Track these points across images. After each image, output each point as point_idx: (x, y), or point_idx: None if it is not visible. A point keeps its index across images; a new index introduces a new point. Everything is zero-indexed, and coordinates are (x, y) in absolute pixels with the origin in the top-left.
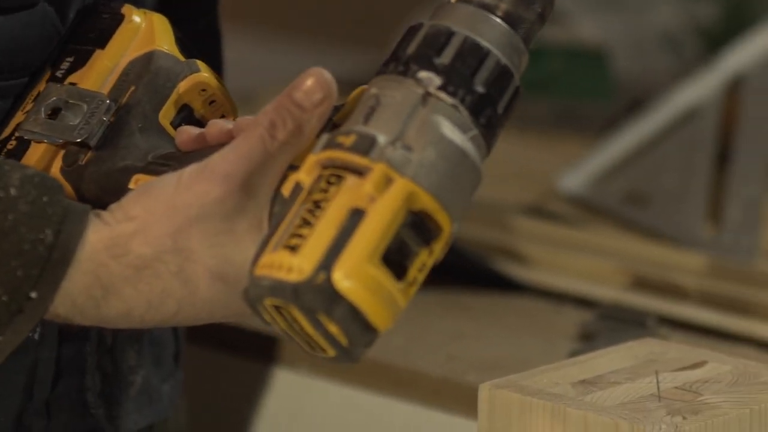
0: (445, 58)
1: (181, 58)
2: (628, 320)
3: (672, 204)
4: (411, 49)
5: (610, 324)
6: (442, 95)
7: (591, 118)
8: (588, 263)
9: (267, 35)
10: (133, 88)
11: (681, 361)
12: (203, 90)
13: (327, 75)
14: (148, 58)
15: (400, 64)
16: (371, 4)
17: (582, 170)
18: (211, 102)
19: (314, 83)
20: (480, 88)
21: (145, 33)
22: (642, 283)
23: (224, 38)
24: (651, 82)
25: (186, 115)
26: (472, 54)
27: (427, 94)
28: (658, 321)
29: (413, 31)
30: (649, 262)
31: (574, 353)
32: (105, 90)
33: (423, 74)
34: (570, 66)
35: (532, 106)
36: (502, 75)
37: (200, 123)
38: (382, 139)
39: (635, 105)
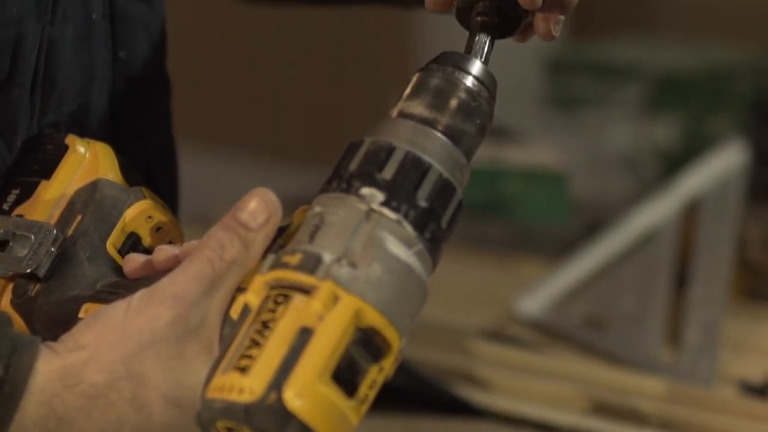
0: (387, 173)
1: (127, 186)
2: None
3: (631, 327)
4: (353, 166)
5: None
6: (386, 211)
7: (549, 240)
8: (547, 388)
9: (222, 154)
10: (79, 217)
11: None
12: (149, 217)
13: (271, 195)
14: (94, 187)
15: (343, 182)
16: (325, 123)
17: (540, 293)
18: (158, 229)
19: (258, 203)
20: (423, 203)
21: (90, 162)
22: (602, 408)
23: (179, 156)
24: (609, 203)
25: (133, 243)
26: (414, 169)
27: (371, 210)
28: None
29: (354, 148)
30: (608, 386)
31: None
32: (52, 220)
33: (365, 190)
34: (528, 187)
35: (490, 228)
36: (445, 189)
37: (148, 250)
38: (327, 257)
39: (593, 227)
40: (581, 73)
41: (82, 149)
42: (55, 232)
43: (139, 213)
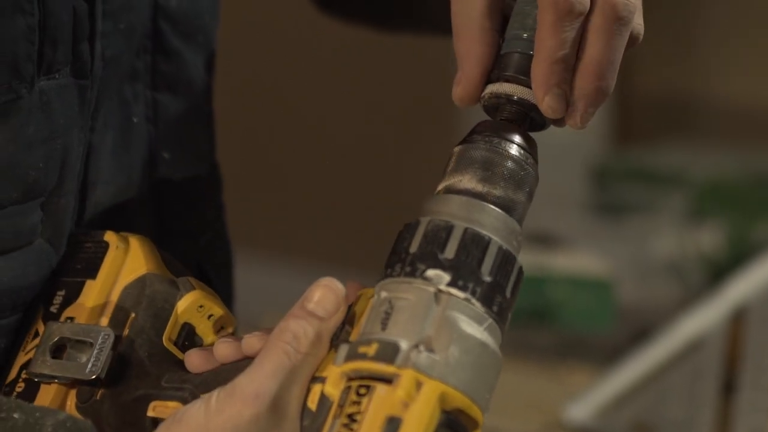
0: (449, 252)
1: (173, 277)
2: None
3: None
4: (413, 248)
5: None
6: (453, 291)
7: (596, 347)
8: None
9: (271, 260)
10: (133, 315)
11: None
12: (201, 306)
13: (336, 283)
14: (142, 284)
15: (406, 265)
16: (372, 228)
17: (588, 401)
18: (210, 316)
19: (325, 292)
20: (487, 278)
21: (133, 258)
22: None
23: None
24: (656, 310)
25: (188, 333)
26: (475, 245)
27: (439, 292)
28: None
29: (411, 229)
30: None
31: None
32: (104, 320)
33: (431, 273)
34: (575, 295)
35: (536, 336)
36: (506, 260)
37: (201, 339)
38: (404, 344)
39: (640, 334)
40: (626, 181)
41: (123, 245)
42: (112, 334)
43: (191, 303)
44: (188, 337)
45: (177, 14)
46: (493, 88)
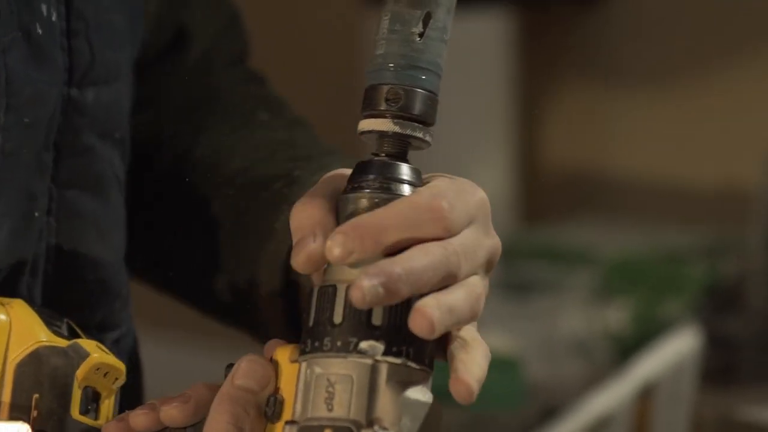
0: (376, 319)
1: (62, 342)
2: None
3: None
4: (337, 318)
5: None
6: (390, 359)
7: (505, 425)
8: None
9: (177, 341)
10: (36, 396)
11: None
12: (98, 369)
13: (259, 359)
14: (37, 360)
15: (337, 339)
16: None
17: None
18: (106, 374)
19: (252, 365)
20: (416, 336)
21: (18, 328)
22: None
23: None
24: (563, 388)
25: (91, 396)
26: (398, 307)
27: (376, 363)
28: None
29: (329, 296)
30: None
31: None
32: (4, 404)
33: (364, 344)
34: None
35: (446, 414)
36: None
37: (100, 394)
38: (356, 426)
39: (548, 412)
40: (533, 259)
41: (3, 317)
42: (28, 428)
43: (89, 370)
44: (94, 398)
45: (94, 110)
46: (365, 125)
